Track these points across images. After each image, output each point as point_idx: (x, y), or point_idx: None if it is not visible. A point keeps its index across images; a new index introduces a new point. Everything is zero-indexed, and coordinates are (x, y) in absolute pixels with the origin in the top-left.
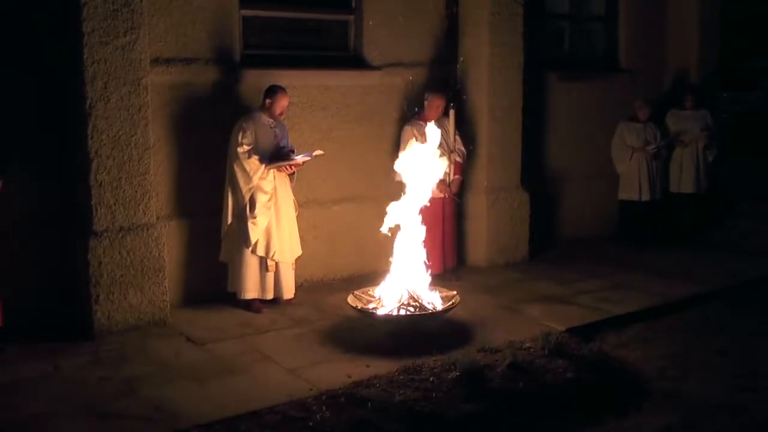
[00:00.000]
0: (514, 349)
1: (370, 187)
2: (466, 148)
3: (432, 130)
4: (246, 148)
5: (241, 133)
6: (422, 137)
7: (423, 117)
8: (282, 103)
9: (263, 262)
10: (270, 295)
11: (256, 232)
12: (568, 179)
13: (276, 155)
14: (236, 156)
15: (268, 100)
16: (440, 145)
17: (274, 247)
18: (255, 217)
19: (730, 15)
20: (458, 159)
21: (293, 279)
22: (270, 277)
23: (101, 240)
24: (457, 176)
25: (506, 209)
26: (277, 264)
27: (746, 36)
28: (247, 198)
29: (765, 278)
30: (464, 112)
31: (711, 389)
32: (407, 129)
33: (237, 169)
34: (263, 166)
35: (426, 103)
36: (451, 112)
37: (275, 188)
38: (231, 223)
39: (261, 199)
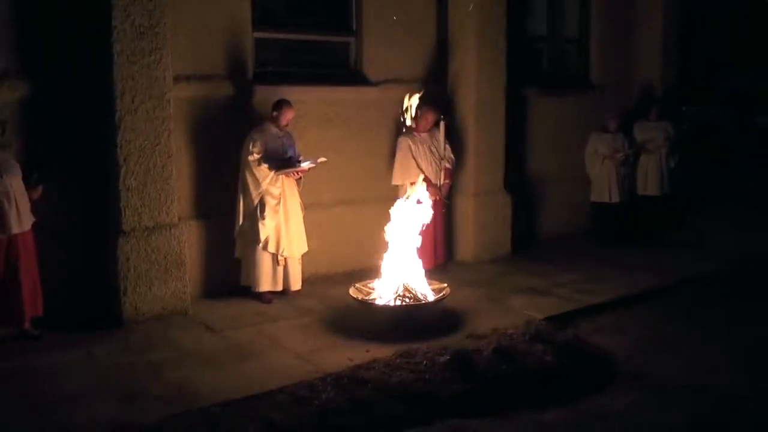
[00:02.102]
0: (498, 335)
1: (368, 191)
2: (455, 155)
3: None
4: (256, 156)
5: (251, 143)
6: (417, 147)
7: (416, 128)
8: (287, 115)
9: (274, 258)
10: (280, 287)
11: (265, 231)
12: (547, 183)
13: (284, 163)
14: (247, 163)
15: (275, 113)
16: (432, 153)
17: (284, 244)
18: (264, 218)
19: (690, 39)
20: (448, 165)
21: (300, 272)
22: (280, 270)
23: (129, 238)
24: (447, 181)
25: (491, 210)
26: (285, 259)
27: (704, 57)
28: (257, 201)
29: (722, 271)
30: (454, 123)
31: (675, 371)
32: (402, 139)
33: (248, 175)
34: (272, 172)
35: (419, 115)
36: (442, 124)
37: (283, 192)
38: (243, 223)
39: (270, 203)
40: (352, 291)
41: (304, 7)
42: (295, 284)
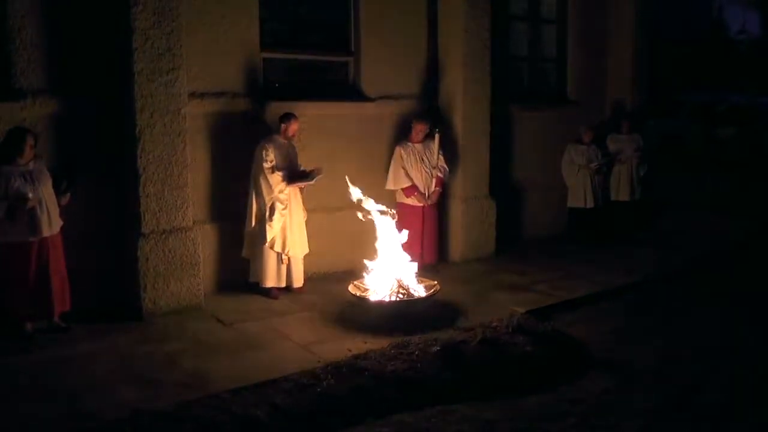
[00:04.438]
0: (484, 328)
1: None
2: (448, 165)
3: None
4: (270, 164)
5: (264, 152)
6: (408, 156)
7: (410, 139)
8: (294, 127)
9: (279, 257)
10: (284, 283)
11: (272, 232)
12: (528, 190)
13: (295, 174)
14: (261, 171)
15: (283, 125)
16: (422, 162)
17: (288, 245)
18: (272, 221)
19: (658, 58)
20: (439, 174)
21: (302, 271)
22: (284, 269)
23: (148, 240)
24: (437, 188)
25: (477, 214)
26: (289, 258)
27: (671, 74)
28: (268, 205)
29: (686, 269)
30: (444, 135)
31: (642, 359)
32: (397, 149)
33: (262, 181)
34: (284, 182)
35: (412, 127)
36: (437, 136)
37: (289, 198)
38: (253, 225)
39: (278, 207)
40: (350, 288)
41: (308, 29)
42: (298, 282)
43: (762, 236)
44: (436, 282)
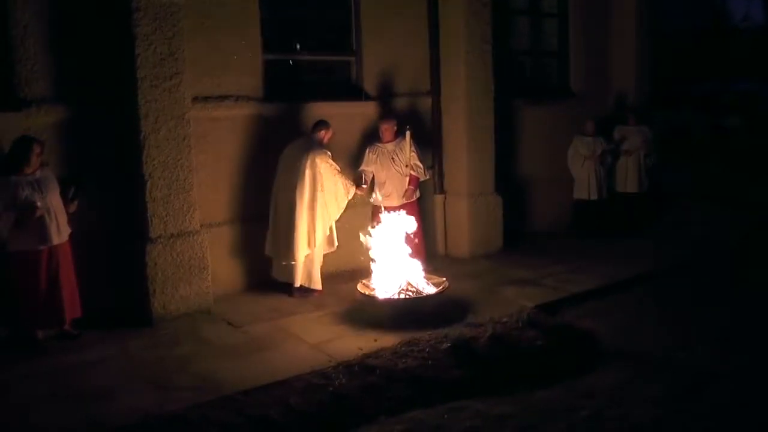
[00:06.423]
0: (494, 323)
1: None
2: (447, 162)
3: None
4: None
5: (329, 156)
6: (378, 156)
7: (379, 140)
8: (330, 133)
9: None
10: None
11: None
12: (533, 183)
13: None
14: (335, 173)
15: (323, 131)
16: (393, 162)
17: None
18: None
19: (661, 48)
20: (412, 173)
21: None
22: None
23: (156, 245)
24: (410, 187)
25: (483, 210)
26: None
27: (674, 65)
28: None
29: (694, 260)
30: (448, 132)
31: (651, 351)
32: (367, 149)
33: (334, 185)
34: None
35: (378, 128)
36: (407, 134)
37: None
38: (318, 231)
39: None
40: (359, 287)
41: (308, 30)
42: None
43: None
44: (444, 279)
